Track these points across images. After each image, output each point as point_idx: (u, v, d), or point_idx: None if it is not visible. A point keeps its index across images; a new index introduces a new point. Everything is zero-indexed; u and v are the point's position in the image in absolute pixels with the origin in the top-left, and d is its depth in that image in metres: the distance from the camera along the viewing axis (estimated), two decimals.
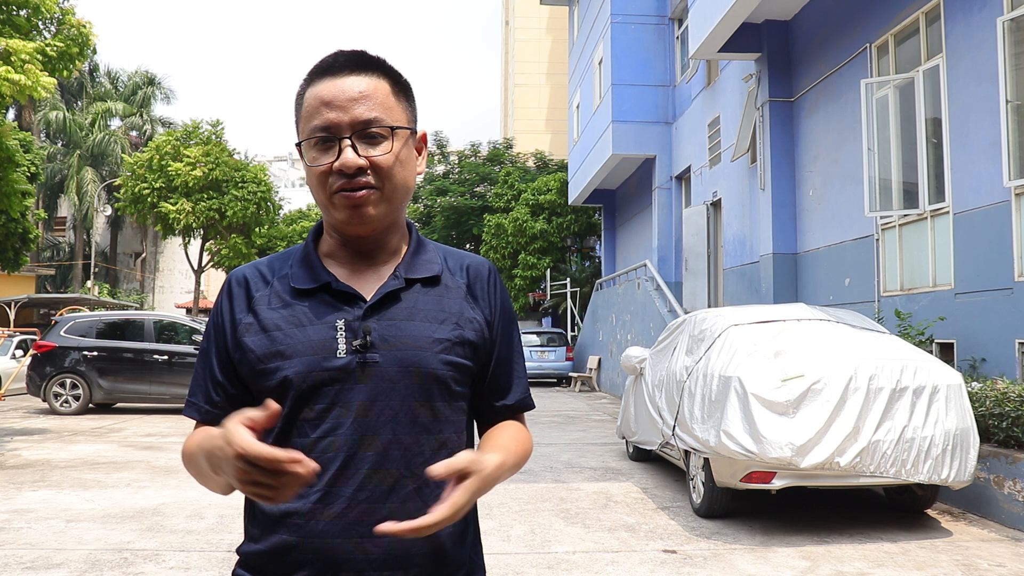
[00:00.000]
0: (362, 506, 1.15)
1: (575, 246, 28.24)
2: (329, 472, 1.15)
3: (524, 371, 1.37)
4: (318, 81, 1.21)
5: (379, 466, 1.16)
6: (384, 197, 1.20)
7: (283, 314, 1.21)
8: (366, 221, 1.20)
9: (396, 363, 1.18)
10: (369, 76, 1.21)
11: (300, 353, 1.18)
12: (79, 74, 36.37)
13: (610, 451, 8.98)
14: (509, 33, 53.44)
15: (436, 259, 1.29)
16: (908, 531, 5.30)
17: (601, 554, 4.83)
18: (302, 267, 1.25)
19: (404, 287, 1.23)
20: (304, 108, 1.22)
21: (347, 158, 1.17)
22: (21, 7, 12.01)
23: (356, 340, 1.18)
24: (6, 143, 12.88)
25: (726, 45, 11.24)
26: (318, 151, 1.19)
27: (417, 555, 1.17)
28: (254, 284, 1.26)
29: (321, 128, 1.18)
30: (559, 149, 38.53)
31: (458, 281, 1.29)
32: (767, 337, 5.70)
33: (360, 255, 1.26)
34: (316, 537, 1.15)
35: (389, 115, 1.21)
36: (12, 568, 4.46)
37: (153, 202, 25.84)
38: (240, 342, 1.22)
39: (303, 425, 1.17)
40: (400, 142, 1.22)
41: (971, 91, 7.34)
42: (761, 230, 11.55)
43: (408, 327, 1.21)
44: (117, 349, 12.90)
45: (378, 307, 1.21)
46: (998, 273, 6.90)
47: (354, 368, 1.17)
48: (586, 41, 20.29)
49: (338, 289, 1.21)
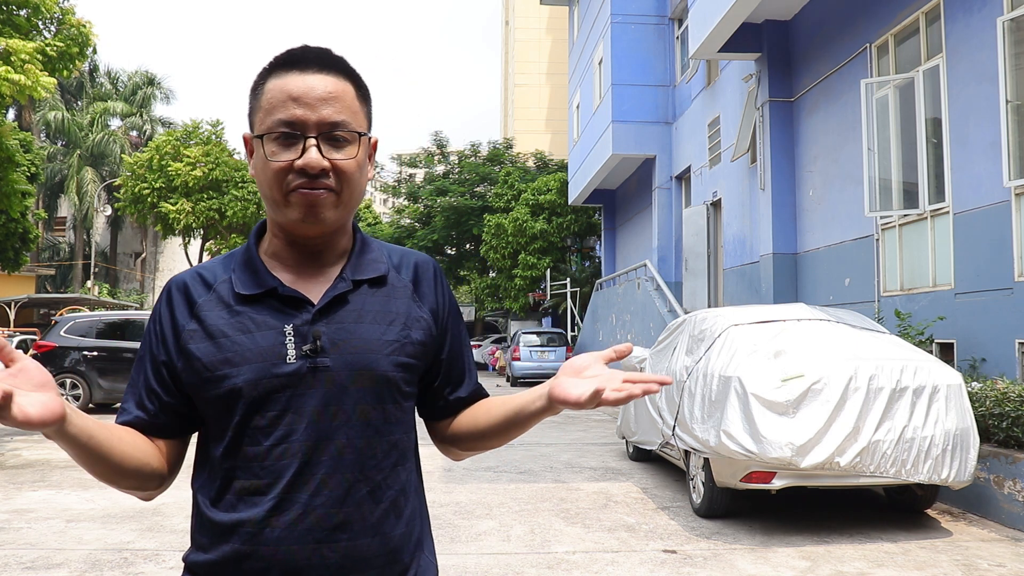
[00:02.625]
0: (318, 512, 1.14)
1: (575, 246, 28.24)
2: (284, 479, 1.13)
3: (473, 363, 1.39)
4: (283, 74, 1.17)
5: (334, 471, 1.15)
6: (341, 201, 1.18)
7: (229, 320, 1.18)
8: (320, 222, 1.17)
9: (347, 367, 1.17)
10: (336, 77, 1.19)
11: (249, 360, 1.15)
12: (79, 74, 36.37)
13: (610, 451, 8.98)
14: (509, 33, 53.44)
15: (381, 258, 1.28)
16: (908, 531, 5.30)
17: (601, 554, 4.83)
18: (245, 272, 1.22)
19: (351, 289, 1.22)
20: (265, 98, 1.18)
21: (312, 158, 1.14)
22: (21, 7, 12.01)
23: (306, 345, 1.16)
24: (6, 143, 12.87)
25: (726, 45, 11.24)
26: (278, 146, 1.16)
27: (373, 557, 1.17)
28: (195, 290, 1.22)
29: (286, 123, 1.15)
30: (559, 149, 38.54)
31: (404, 280, 1.28)
32: (767, 337, 5.70)
33: (307, 257, 1.23)
34: (271, 545, 1.13)
35: (355, 120, 1.19)
36: (12, 568, 4.46)
37: (153, 202, 25.86)
38: (185, 349, 1.18)
39: (255, 433, 1.15)
40: (363, 149, 1.20)
41: (971, 91, 7.34)
42: (761, 230, 11.55)
43: (357, 330, 1.19)
44: (117, 349, 12.91)
45: (326, 311, 1.19)
46: (998, 273, 6.90)
47: (305, 373, 1.15)
48: (586, 41, 20.29)
49: (285, 294, 1.19)
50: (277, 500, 1.13)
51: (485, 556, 4.74)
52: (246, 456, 1.15)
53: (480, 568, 4.51)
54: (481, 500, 6.30)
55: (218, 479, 1.18)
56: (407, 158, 35.36)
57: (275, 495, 1.13)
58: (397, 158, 35.86)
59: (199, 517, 1.20)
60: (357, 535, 1.16)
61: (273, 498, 1.13)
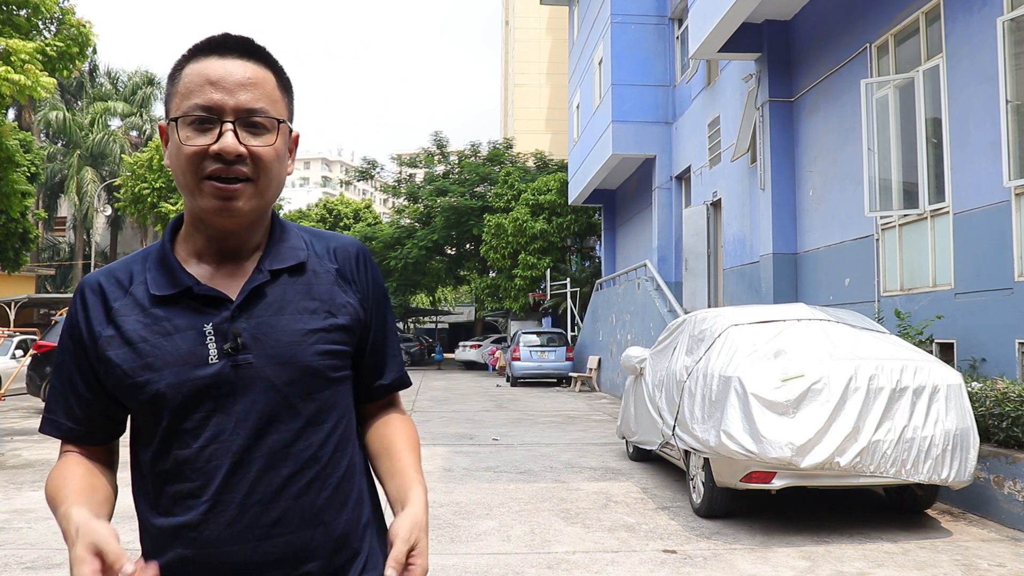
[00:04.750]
0: (254, 509, 1.13)
1: (575, 246, 28.23)
2: (216, 480, 1.12)
3: (399, 351, 1.37)
4: (202, 58, 1.15)
5: (268, 467, 1.14)
6: (258, 191, 1.15)
7: (146, 324, 1.15)
8: (235, 214, 1.14)
9: (271, 361, 1.15)
10: (257, 64, 1.17)
11: (170, 364, 1.13)
12: (79, 74, 36.37)
13: (610, 451, 8.98)
14: (509, 33, 53.44)
15: (300, 244, 1.25)
16: (908, 531, 5.30)
17: (601, 554, 4.83)
18: (160, 271, 1.18)
19: (270, 280, 1.19)
20: (182, 83, 1.15)
21: (227, 142, 1.11)
22: (21, 7, 12.01)
23: (227, 343, 1.14)
24: (6, 143, 12.87)
25: (726, 45, 11.24)
26: (193, 131, 1.12)
27: (317, 547, 1.16)
28: (111, 293, 1.18)
29: (203, 107, 1.12)
30: (559, 149, 38.55)
31: (327, 265, 1.25)
32: (767, 337, 5.70)
33: (223, 251, 1.20)
34: (211, 547, 1.11)
35: (274, 108, 1.17)
36: (12, 568, 4.46)
37: (153, 202, 25.87)
38: (103, 356, 1.15)
39: (183, 436, 1.13)
40: (282, 138, 1.18)
41: (971, 91, 7.34)
42: (761, 230, 11.55)
43: (279, 322, 1.17)
44: None
45: (245, 306, 1.16)
46: (998, 273, 6.90)
47: (228, 372, 1.13)
48: (586, 41, 20.29)
49: (201, 293, 1.16)
50: (212, 502, 1.12)
51: (485, 556, 4.74)
52: (176, 460, 1.13)
53: (480, 568, 4.51)
54: (481, 500, 6.30)
55: (150, 484, 1.17)
56: (407, 158, 35.36)
57: (209, 497, 1.12)
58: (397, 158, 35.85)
59: (141, 523, 1.19)
60: (298, 527, 1.14)
61: (207, 500, 1.12)
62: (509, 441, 9.75)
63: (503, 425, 11.46)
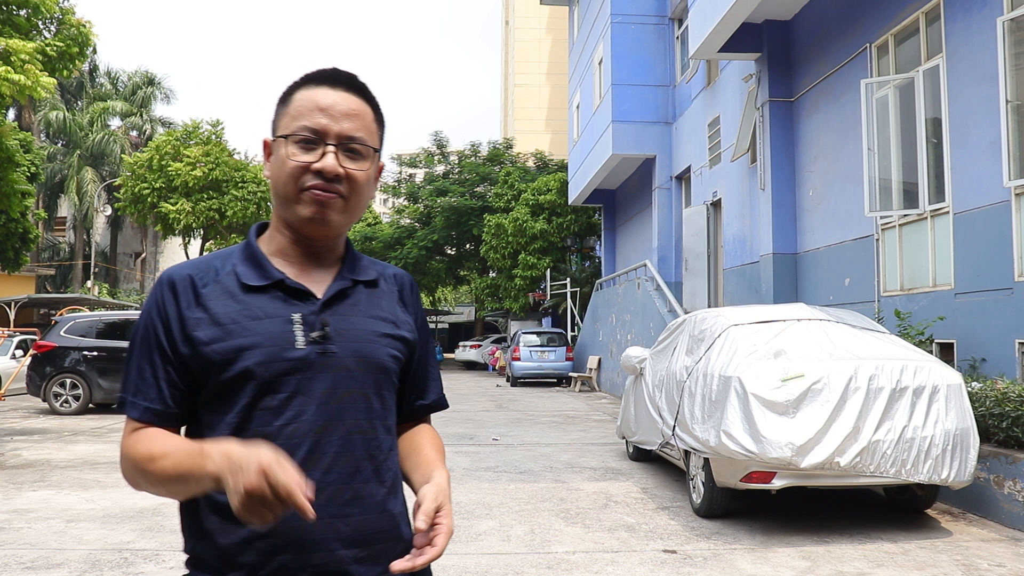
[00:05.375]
0: (330, 488, 1.21)
1: (575, 246, 28.24)
2: (296, 458, 1.18)
3: (439, 375, 1.51)
4: (313, 87, 1.28)
5: (343, 450, 1.23)
6: (348, 208, 1.28)
7: (236, 308, 1.24)
8: (326, 224, 1.27)
9: (351, 353, 1.26)
10: (360, 98, 1.30)
11: (260, 344, 1.21)
12: (79, 74, 36.37)
13: (610, 451, 8.98)
14: (509, 33, 53.44)
15: (371, 267, 1.39)
16: (908, 531, 5.30)
17: (601, 554, 4.83)
18: (249, 265, 1.28)
19: (351, 286, 1.32)
20: (293, 106, 1.28)
21: (329, 162, 1.24)
22: (21, 7, 12.01)
23: (313, 332, 1.24)
24: (6, 143, 12.87)
25: (726, 45, 11.24)
26: (299, 149, 1.25)
27: (381, 532, 1.25)
28: (199, 280, 1.27)
29: (310, 129, 1.25)
30: (559, 149, 38.56)
31: (391, 287, 1.40)
32: (767, 337, 5.70)
33: (309, 255, 1.32)
34: (288, 522, 1.16)
35: (371, 138, 1.30)
36: (12, 568, 4.46)
37: (153, 202, 25.87)
38: (191, 336, 1.22)
39: (265, 414, 1.21)
40: (374, 165, 1.32)
41: (971, 91, 7.34)
42: (761, 230, 11.55)
43: (357, 322, 1.29)
44: (117, 349, 12.90)
45: (330, 303, 1.28)
46: (998, 273, 6.90)
47: (314, 358, 1.23)
48: (586, 41, 20.29)
49: (291, 286, 1.27)
50: None
51: (485, 556, 4.74)
52: (255, 436, 1.20)
53: (480, 568, 4.51)
54: (481, 500, 6.30)
55: None
56: (407, 158, 35.35)
57: None
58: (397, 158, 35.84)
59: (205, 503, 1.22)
60: (366, 510, 1.24)
61: None
62: (509, 441, 9.75)
63: (503, 425, 11.46)
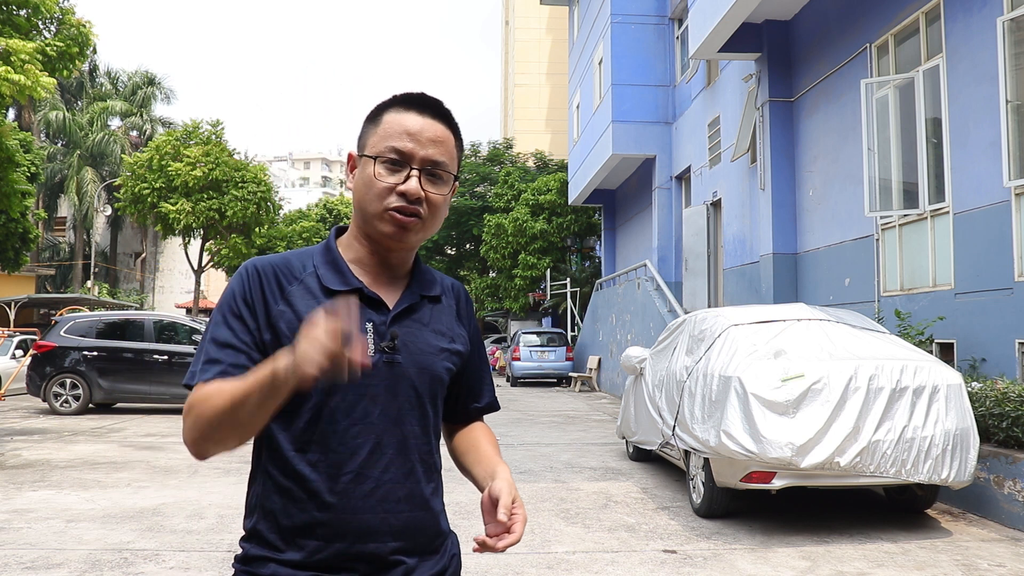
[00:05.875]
0: (387, 485, 1.32)
1: (575, 246, 28.24)
2: (361, 455, 1.30)
3: (491, 379, 1.62)
4: (403, 111, 1.36)
5: (400, 451, 1.34)
6: (424, 228, 1.37)
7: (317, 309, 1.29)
8: (404, 241, 1.36)
9: (414, 364, 1.36)
10: (445, 126, 1.38)
11: None
12: (79, 74, 36.35)
13: (610, 451, 8.98)
14: (509, 33, 53.43)
15: (436, 281, 1.48)
16: (908, 531, 5.30)
17: (601, 554, 4.83)
18: (330, 269, 1.37)
19: (418, 301, 1.41)
20: (383, 127, 1.36)
21: (412, 186, 1.33)
22: (21, 7, 12.00)
23: (383, 341, 1.33)
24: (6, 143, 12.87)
25: (726, 45, 11.24)
26: (385, 169, 1.34)
27: (425, 527, 1.37)
28: (284, 277, 1.35)
29: (397, 151, 1.33)
30: (559, 149, 38.54)
31: (450, 301, 1.49)
32: (767, 337, 5.70)
33: (383, 266, 1.40)
34: (348, 513, 1.29)
35: (452, 164, 1.39)
36: (12, 568, 4.46)
37: (153, 202, 25.84)
38: (275, 326, 1.31)
39: (333, 413, 1.30)
40: (451, 190, 1.41)
41: (971, 91, 7.34)
42: (761, 230, 11.55)
43: (421, 335, 1.39)
44: (117, 349, 12.90)
45: (400, 316, 1.37)
46: (998, 273, 6.90)
47: (382, 366, 1.33)
48: (586, 41, 20.29)
49: (368, 295, 1.36)
50: (355, 474, 1.30)
51: (485, 556, 4.74)
52: (324, 433, 1.30)
53: (480, 568, 4.51)
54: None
55: (291, 451, 1.30)
56: None
57: (353, 469, 1.30)
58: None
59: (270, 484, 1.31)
60: (415, 507, 1.35)
61: (351, 472, 1.30)
62: (509, 441, 9.75)
63: (503, 425, 11.46)
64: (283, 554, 1.29)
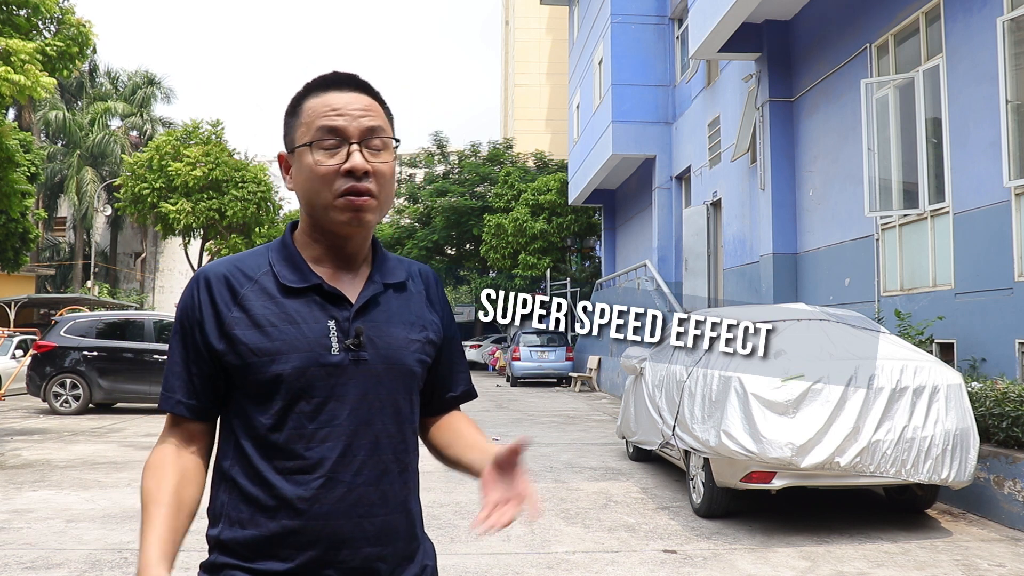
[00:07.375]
0: (360, 489, 1.26)
1: (575, 246, 28.24)
2: (330, 460, 1.25)
3: (466, 366, 1.55)
4: (322, 93, 1.31)
5: (373, 453, 1.28)
6: (379, 206, 1.31)
7: (274, 311, 1.27)
8: (362, 225, 1.29)
9: (382, 361, 1.30)
10: (368, 96, 1.33)
11: (296, 350, 1.25)
12: (79, 74, 36.34)
13: (610, 451, 8.98)
14: (509, 33, 53.44)
15: (400, 266, 1.41)
16: (908, 531, 5.30)
17: (601, 554, 4.83)
18: (288, 267, 1.31)
19: (382, 291, 1.34)
20: (306, 114, 1.30)
21: (357, 160, 1.26)
22: (21, 7, 12.00)
23: (348, 339, 1.28)
24: (6, 143, 12.87)
25: (726, 45, 11.24)
26: (324, 154, 1.27)
27: (401, 530, 1.32)
28: (236, 280, 1.30)
29: (331, 129, 1.27)
30: (559, 149, 38.53)
31: (418, 287, 1.42)
32: None
33: (341, 259, 1.34)
34: (320, 520, 1.23)
35: (388, 130, 1.34)
36: (12, 568, 4.46)
37: (153, 202, 25.83)
38: (229, 335, 1.26)
39: (300, 417, 1.25)
40: (393, 156, 1.34)
41: (971, 91, 7.34)
42: (761, 230, 11.55)
43: (388, 328, 1.32)
44: (117, 349, 12.90)
45: (363, 309, 1.31)
46: (998, 273, 6.90)
47: (347, 365, 1.27)
48: (586, 41, 20.29)
49: (328, 291, 1.30)
50: (325, 479, 1.25)
51: (485, 556, 4.74)
52: (291, 438, 1.25)
53: (480, 568, 4.51)
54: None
55: (256, 459, 1.26)
56: (407, 158, 35.36)
57: (323, 474, 1.25)
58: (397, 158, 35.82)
59: (236, 493, 1.27)
60: (390, 511, 1.30)
61: (321, 476, 1.24)
62: (509, 441, 9.75)
63: (503, 425, 11.46)
64: (254, 563, 1.24)
